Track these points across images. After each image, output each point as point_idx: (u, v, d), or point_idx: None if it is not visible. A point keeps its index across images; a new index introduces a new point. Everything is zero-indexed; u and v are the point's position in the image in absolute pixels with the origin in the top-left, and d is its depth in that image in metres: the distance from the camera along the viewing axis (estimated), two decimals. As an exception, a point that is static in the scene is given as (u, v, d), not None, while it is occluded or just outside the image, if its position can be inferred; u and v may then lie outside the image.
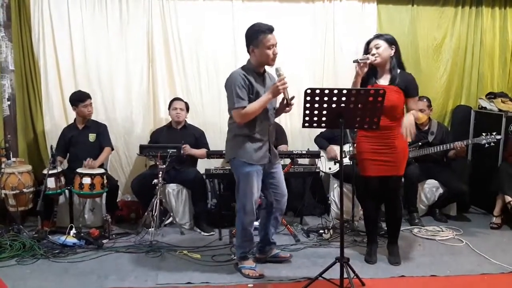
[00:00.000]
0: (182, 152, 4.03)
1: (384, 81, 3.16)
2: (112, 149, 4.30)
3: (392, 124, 3.12)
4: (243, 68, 2.99)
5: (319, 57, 4.78)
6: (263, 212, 3.30)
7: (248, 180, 2.97)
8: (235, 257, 3.36)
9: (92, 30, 4.47)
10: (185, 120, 4.37)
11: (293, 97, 2.96)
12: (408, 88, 3.13)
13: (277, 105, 3.14)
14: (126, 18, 4.50)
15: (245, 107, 2.86)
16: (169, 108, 4.34)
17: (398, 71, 3.14)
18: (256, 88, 2.94)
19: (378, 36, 3.18)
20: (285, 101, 2.98)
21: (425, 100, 4.41)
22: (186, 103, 4.35)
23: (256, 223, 3.34)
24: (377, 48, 3.11)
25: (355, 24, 4.77)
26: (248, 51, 2.98)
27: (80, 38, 4.45)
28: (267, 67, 3.07)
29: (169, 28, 4.55)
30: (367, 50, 3.16)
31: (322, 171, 4.42)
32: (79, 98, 4.10)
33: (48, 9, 4.37)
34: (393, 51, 3.13)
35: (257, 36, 2.88)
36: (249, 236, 3.13)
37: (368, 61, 3.04)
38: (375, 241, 3.44)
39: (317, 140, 4.58)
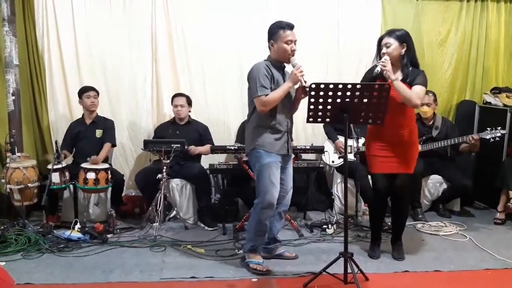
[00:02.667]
0: (189, 152, 4.06)
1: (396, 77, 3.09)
2: (114, 146, 4.30)
3: (403, 121, 3.09)
4: (265, 60, 3.07)
5: (323, 51, 4.76)
6: None
7: (269, 170, 2.98)
8: (239, 252, 3.38)
9: (96, 24, 4.46)
10: (189, 116, 4.36)
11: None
12: (414, 79, 3.05)
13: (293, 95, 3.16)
14: (130, 12, 4.49)
15: (267, 94, 2.92)
16: (172, 104, 4.34)
17: (410, 68, 3.07)
18: (277, 79, 3.01)
19: (389, 33, 3.07)
20: (301, 88, 3.01)
21: (430, 94, 4.39)
22: (187, 98, 4.31)
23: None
24: (387, 47, 3.04)
25: (360, 18, 4.75)
26: (269, 46, 3.06)
27: (84, 33, 4.45)
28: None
29: (173, 23, 4.54)
30: (379, 48, 3.11)
31: (326, 163, 4.42)
32: (83, 89, 4.16)
33: (52, 4, 4.37)
34: (404, 49, 3.04)
35: (277, 31, 2.98)
36: (264, 231, 3.11)
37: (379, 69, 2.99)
38: (379, 238, 3.43)
39: (326, 128, 4.52)
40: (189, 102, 4.33)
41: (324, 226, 3.87)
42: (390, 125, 3.02)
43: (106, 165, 3.94)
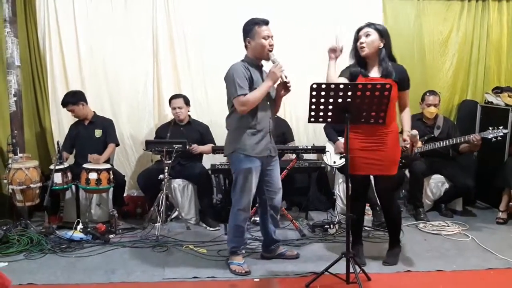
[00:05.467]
0: (191, 151, 4.06)
1: (375, 73, 3.01)
2: (117, 145, 4.32)
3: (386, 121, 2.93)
4: (243, 61, 3.03)
5: (323, 52, 4.73)
6: (259, 211, 3.30)
7: (247, 176, 2.96)
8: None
9: (98, 25, 4.47)
10: (189, 116, 4.36)
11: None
12: (402, 80, 2.98)
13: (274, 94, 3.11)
14: (131, 13, 4.50)
15: (246, 94, 2.88)
16: (170, 106, 4.31)
17: (390, 63, 2.98)
18: (256, 79, 2.97)
19: (369, 25, 2.99)
20: (282, 85, 2.98)
21: (438, 94, 4.40)
22: (184, 98, 4.26)
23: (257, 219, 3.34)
24: (366, 36, 2.95)
25: (360, 18, 4.71)
26: (245, 45, 3.02)
27: (86, 33, 4.46)
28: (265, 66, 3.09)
29: (174, 24, 4.54)
30: (356, 38, 3.03)
31: (328, 164, 4.42)
32: (61, 103, 4.15)
33: (53, 4, 4.38)
34: (383, 43, 2.96)
35: (252, 27, 2.94)
36: (241, 232, 3.12)
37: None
38: (359, 242, 3.28)
39: (327, 129, 4.52)
40: (187, 102, 4.28)
41: (326, 226, 3.87)
42: (371, 126, 2.92)
43: (108, 165, 3.95)
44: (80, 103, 4.13)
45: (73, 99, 4.10)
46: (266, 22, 2.94)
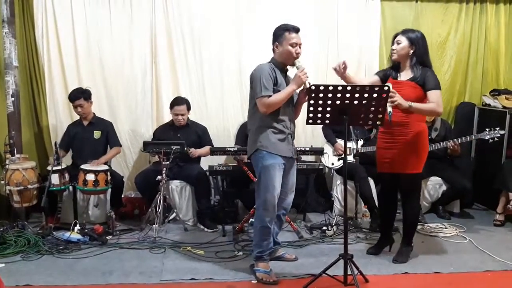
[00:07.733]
0: (189, 154, 4.06)
1: (404, 76, 3.15)
2: (120, 146, 4.32)
3: (406, 120, 3.08)
4: (270, 62, 3.05)
5: (322, 53, 4.77)
6: None
7: (270, 172, 2.94)
8: (238, 254, 3.38)
9: (96, 25, 4.46)
10: (187, 118, 4.35)
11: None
12: (425, 82, 3.07)
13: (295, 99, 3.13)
14: (129, 14, 4.50)
15: (270, 96, 2.88)
16: (170, 109, 4.31)
17: (420, 67, 3.09)
18: (280, 82, 2.98)
19: (403, 32, 3.15)
20: (305, 90, 2.97)
21: None
22: (187, 104, 4.25)
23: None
24: (398, 43, 3.12)
25: (359, 20, 4.76)
26: (273, 48, 3.03)
27: (84, 34, 4.46)
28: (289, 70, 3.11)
29: (172, 24, 4.54)
30: (392, 43, 3.19)
31: (326, 166, 4.42)
32: (69, 99, 4.15)
33: (51, 5, 4.37)
34: (412, 50, 3.09)
35: (282, 33, 2.96)
36: (268, 234, 3.06)
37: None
38: (384, 237, 3.44)
39: (325, 131, 4.54)
40: (189, 108, 4.28)
41: (324, 228, 3.87)
42: (394, 124, 3.06)
43: (105, 167, 3.94)
44: (90, 100, 4.15)
45: (85, 94, 4.12)
46: (296, 30, 2.97)
